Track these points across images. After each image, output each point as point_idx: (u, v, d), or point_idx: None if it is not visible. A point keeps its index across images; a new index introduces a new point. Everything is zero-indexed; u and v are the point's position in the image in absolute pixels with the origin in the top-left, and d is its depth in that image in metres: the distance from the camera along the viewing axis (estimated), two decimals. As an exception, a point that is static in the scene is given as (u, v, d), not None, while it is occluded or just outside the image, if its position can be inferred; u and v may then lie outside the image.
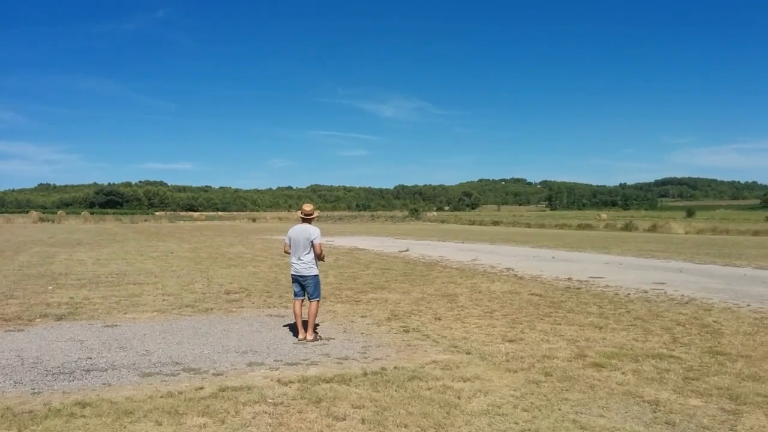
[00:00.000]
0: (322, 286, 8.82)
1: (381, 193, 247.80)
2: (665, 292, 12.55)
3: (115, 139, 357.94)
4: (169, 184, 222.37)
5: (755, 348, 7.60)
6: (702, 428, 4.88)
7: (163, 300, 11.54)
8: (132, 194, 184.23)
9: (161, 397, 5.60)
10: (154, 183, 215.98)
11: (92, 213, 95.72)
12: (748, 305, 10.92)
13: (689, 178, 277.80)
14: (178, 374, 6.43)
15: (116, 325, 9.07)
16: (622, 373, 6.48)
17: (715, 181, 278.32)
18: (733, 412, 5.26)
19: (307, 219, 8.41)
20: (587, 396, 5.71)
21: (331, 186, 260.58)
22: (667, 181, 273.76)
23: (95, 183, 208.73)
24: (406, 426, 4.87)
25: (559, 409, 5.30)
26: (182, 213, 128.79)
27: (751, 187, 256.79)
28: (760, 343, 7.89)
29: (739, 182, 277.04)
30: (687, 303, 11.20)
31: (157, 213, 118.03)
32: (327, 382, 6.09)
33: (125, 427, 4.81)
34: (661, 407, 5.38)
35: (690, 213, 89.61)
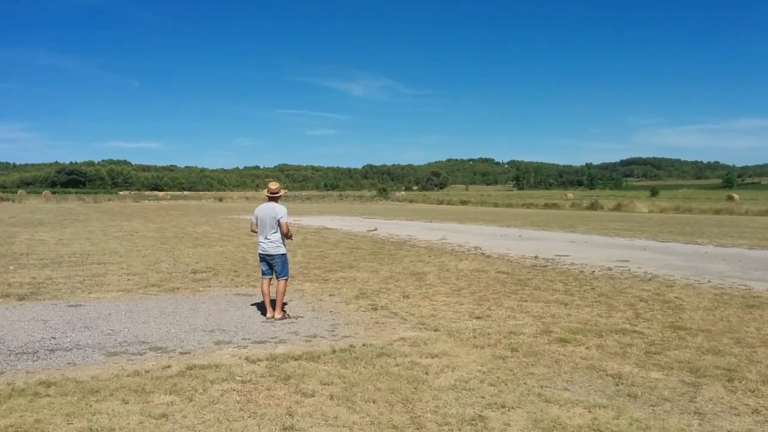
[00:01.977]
0: (290, 265, 8.77)
1: (349, 172, 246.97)
2: (629, 270, 12.82)
3: (77, 117, 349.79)
4: (133, 164, 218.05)
5: (715, 323, 7.82)
6: (663, 400, 5.02)
7: (129, 280, 11.35)
8: (95, 173, 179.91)
9: (127, 375, 5.52)
10: (118, 162, 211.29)
11: (54, 192, 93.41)
12: (709, 281, 11.23)
13: (654, 158, 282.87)
14: (145, 353, 6.35)
15: (80, 305, 8.90)
16: (587, 348, 6.61)
17: (678, 161, 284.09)
18: (693, 384, 5.42)
19: (273, 197, 8.33)
20: (552, 370, 5.81)
21: (299, 165, 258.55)
22: (632, 161, 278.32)
23: (57, 162, 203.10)
24: (374, 401, 4.90)
25: (525, 383, 5.40)
26: (147, 192, 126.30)
27: (714, 167, 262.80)
28: (720, 318, 8.13)
29: (701, 162, 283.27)
30: (650, 280, 11.46)
31: (121, 192, 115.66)
32: (295, 359, 6.08)
33: (91, 406, 4.73)
34: (624, 380, 5.51)
35: (654, 192, 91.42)
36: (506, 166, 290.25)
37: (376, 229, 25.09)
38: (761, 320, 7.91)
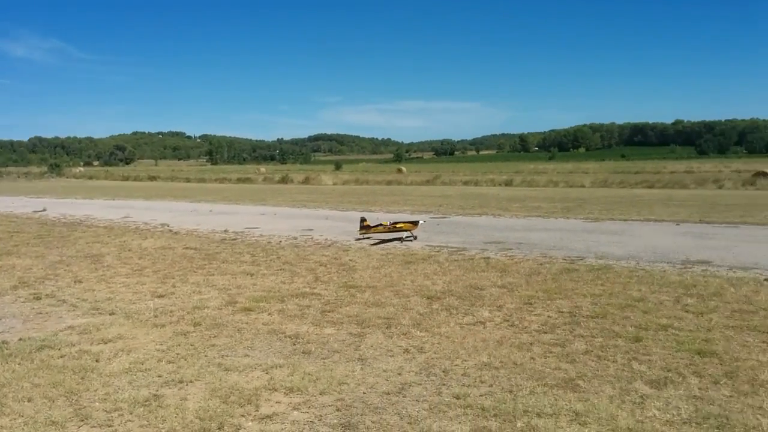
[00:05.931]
0: None
1: (12, 145, 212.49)
2: (312, 238, 13.64)
3: None
4: None
5: (380, 279, 8.81)
6: (332, 352, 5.48)
7: None
8: None
9: None
10: None
11: None
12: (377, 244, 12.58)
13: (337, 135, 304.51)
14: None
15: None
16: (269, 314, 6.86)
17: (358, 137, 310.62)
18: (358, 335, 6.03)
19: None
20: (234, 339, 5.89)
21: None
22: (319, 137, 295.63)
23: None
24: (30, 399, 4.35)
25: (206, 356, 5.37)
26: None
27: (387, 143, 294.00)
28: (384, 275, 9.18)
29: (377, 139, 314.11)
30: (330, 246, 12.37)
31: None
32: (-75, 367, 5.04)
33: None
34: (300, 339, 5.87)
35: (338, 166, 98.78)
36: (198, 140, 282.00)
37: (44, 210, 22.18)
38: (415, 274, 9.18)
